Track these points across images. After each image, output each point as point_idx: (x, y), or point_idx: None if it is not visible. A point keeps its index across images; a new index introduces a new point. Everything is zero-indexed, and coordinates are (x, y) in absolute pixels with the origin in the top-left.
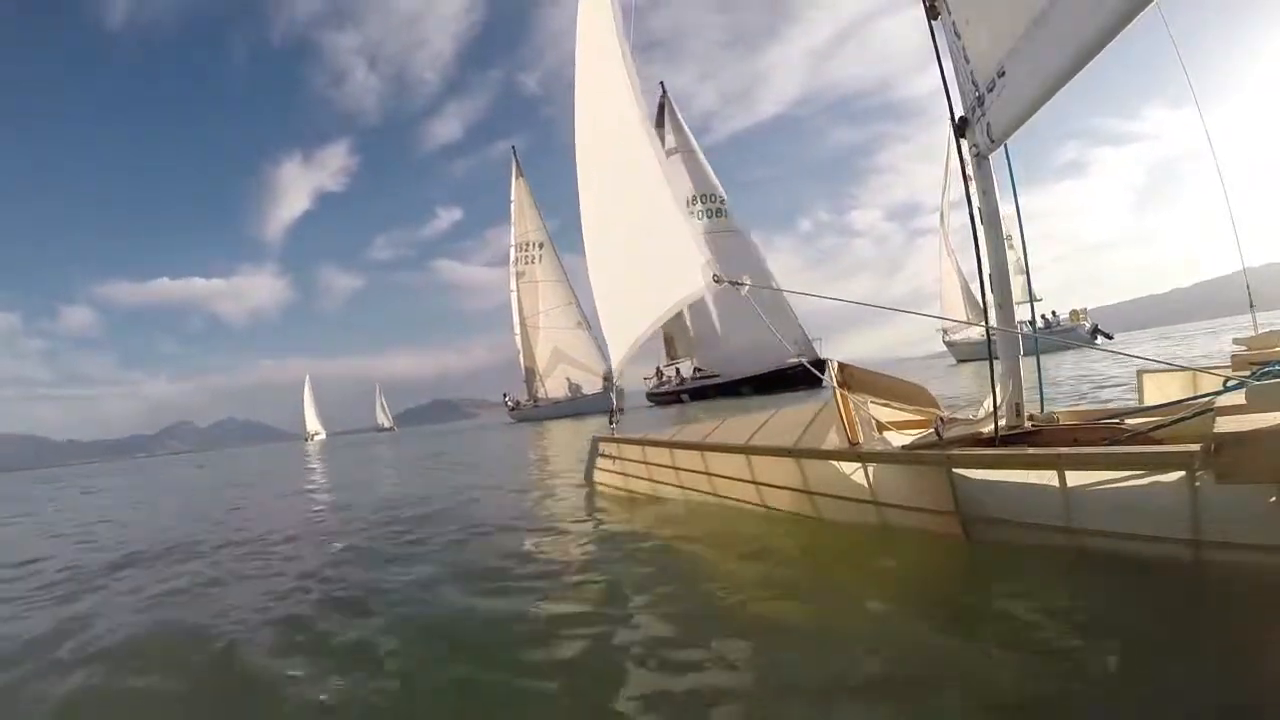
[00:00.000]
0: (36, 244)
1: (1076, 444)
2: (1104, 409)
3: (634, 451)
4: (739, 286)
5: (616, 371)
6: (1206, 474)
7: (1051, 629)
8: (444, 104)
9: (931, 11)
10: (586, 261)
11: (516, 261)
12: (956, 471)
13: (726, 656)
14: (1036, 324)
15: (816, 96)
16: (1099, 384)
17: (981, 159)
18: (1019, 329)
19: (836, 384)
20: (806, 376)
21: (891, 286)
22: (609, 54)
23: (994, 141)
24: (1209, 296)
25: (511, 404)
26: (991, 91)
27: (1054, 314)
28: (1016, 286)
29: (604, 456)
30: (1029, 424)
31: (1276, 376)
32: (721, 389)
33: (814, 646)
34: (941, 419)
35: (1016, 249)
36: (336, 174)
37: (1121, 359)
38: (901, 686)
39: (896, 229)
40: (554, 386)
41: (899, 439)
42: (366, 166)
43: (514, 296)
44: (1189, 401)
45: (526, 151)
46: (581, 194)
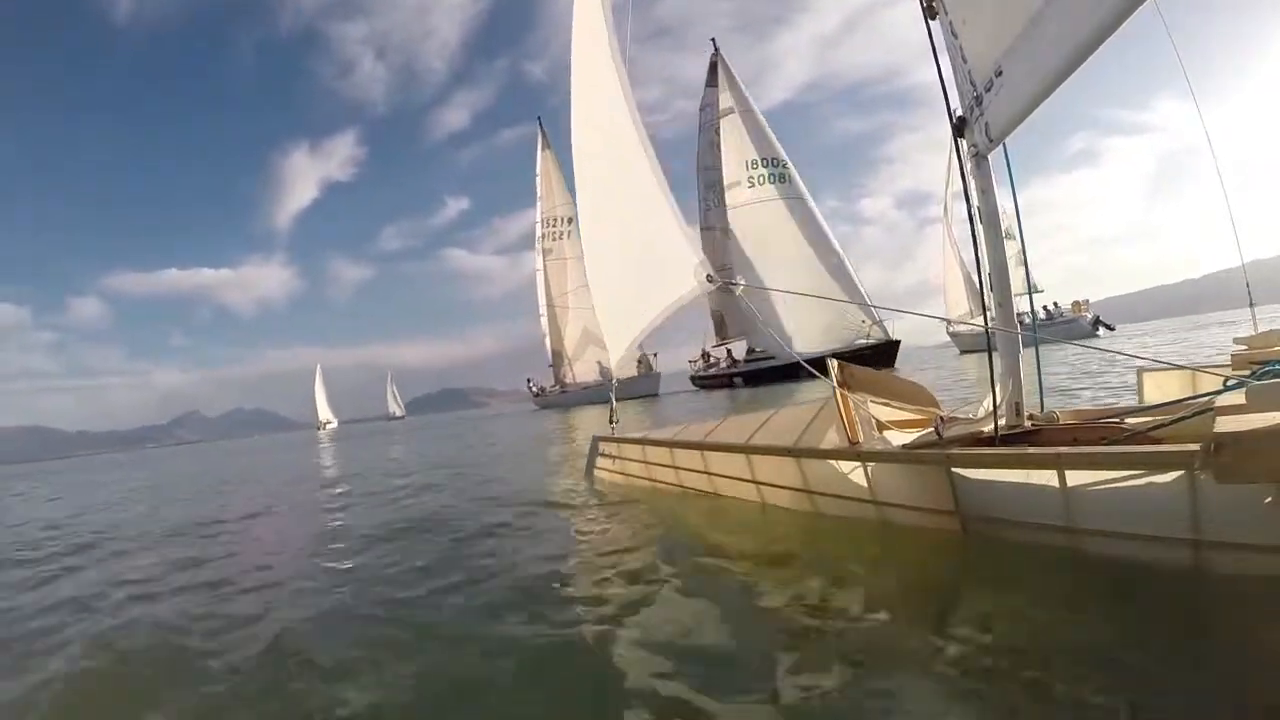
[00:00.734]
0: (45, 237)
1: (1076, 444)
2: (1104, 409)
3: (634, 451)
4: (733, 287)
5: (615, 370)
6: (1206, 474)
7: (1051, 629)
8: (451, 93)
9: (929, 11)
10: (585, 261)
11: (543, 238)
12: (956, 471)
13: (724, 655)
14: (1038, 316)
15: (825, 83)
16: (1096, 375)
17: (980, 158)
18: (1018, 326)
19: (836, 383)
20: (879, 356)
21: (901, 276)
22: (603, 54)
23: (992, 141)
24: (1221, 288)
25: (536, 390)
26: (989, 91)
27: (1055, 305)
28: (1017, 279)
29: (604, 456)
30: (1029, 423)
31: (1276, 376)
32: (780, 372)
33: (814, 645)
34: (941, 418)
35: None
36: (344, 164)
37: (1124, 346)
38: (900, 686)
39: (906, 217)
40: (584, 371)
41: (899, 438)
42: (374, 156)
43: (540, 275)
44: (1189, 401)
45: (533, 140)
46: (579, 194)
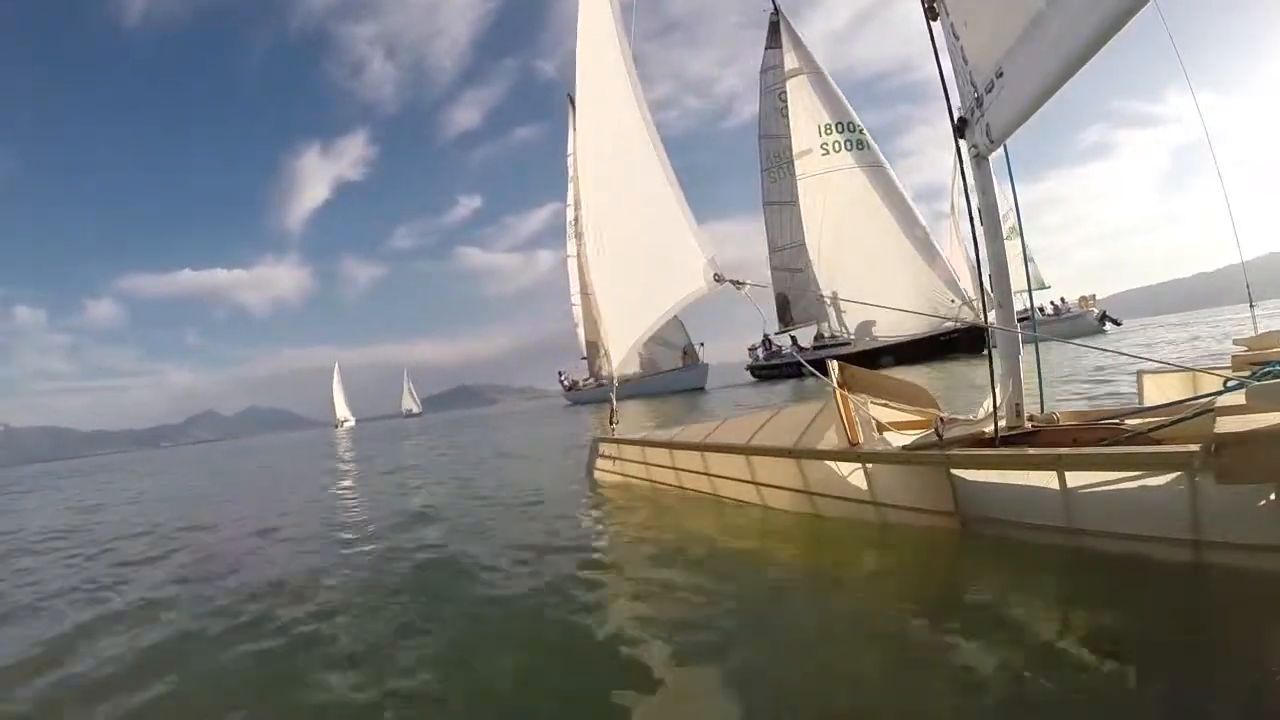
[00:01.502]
0: (60, 240)
1: (1076, 444)
2: (1104, 409)
3: (634, 451)
4: (739, 286)
5: (615, 371)
6: (1206, 474)
7: (1051, 629)
8: (462, 92)
9: (930, 13)
10: (589, 261)
11: (575, 222)
12: (956, 472)
13: (722, 654)
14: (1046, 312)
15: (839, 78)
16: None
17: (981, 159)
18: (1018, 326)
19: (836, 384)
20: (970, 341)
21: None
22: (610, 53)
23: (993, 142)
24: (1232, 282)
25: (568, 383)
26: (990, 92)
27: (1062, 300)
28: (1018, 278)
29: (604, 457)
30: (1029, 424)
31: (1276, 376)
32: (854, 359)
33: (814, 644)
34: (941, 419)
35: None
36: (356, 164)
37: (1129, 342)
38: (899, 686)
39: (924, 210)
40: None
41: (899, 439)
42: (386, 156)
43: (572, 263)
44: (1189, 402)
45: (544, 138)
46: (584, 194)
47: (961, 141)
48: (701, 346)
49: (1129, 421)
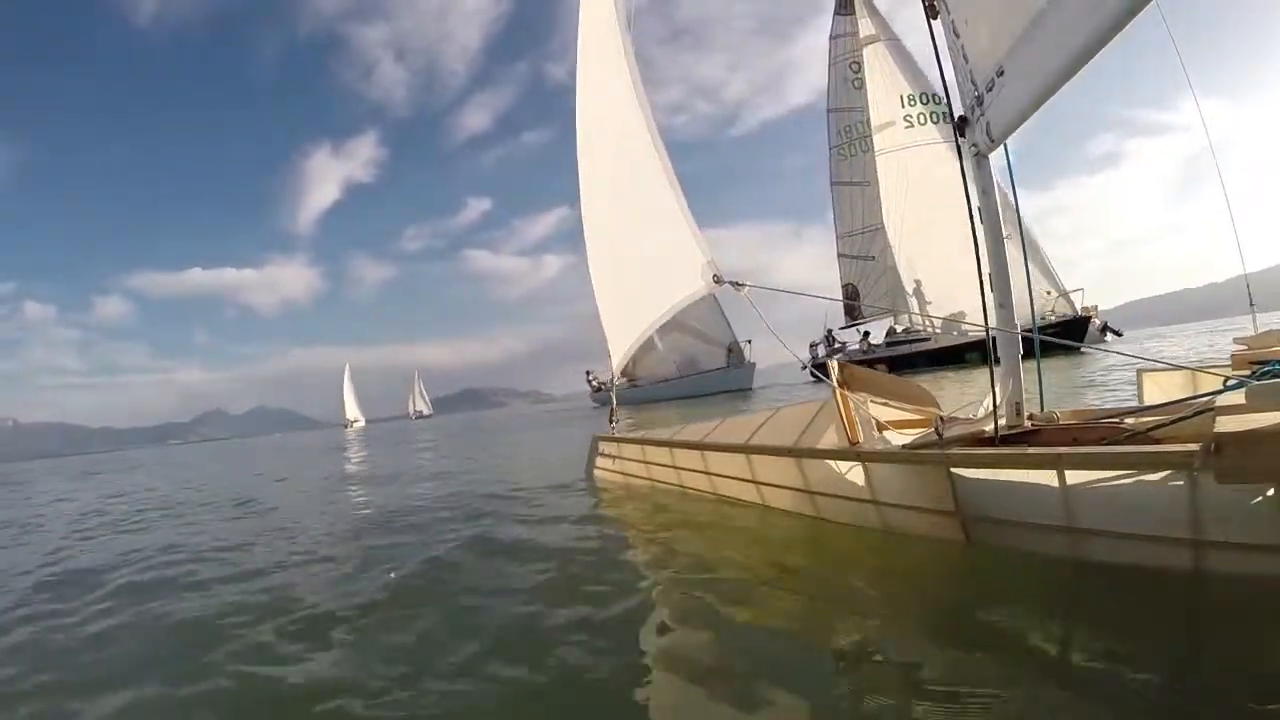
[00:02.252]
0: (69, 237)
1: (1076, 444)
2: (1104, 409)
3: (633, 450)
4: (740, 287)
5: (616, 372)
6: (1206, 474)
7: (1050, 630)
8: (472, 95)
9: (931, 11)
10: (589, 262)
11: None
12: (956, 471)
13: (721, 653)
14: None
15: None
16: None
17: (981, 158)
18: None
19: (836, 384)
20: (1067, 335)
21: None
22: (611, 52)
23: (994, 141)
24: (1242, 291)
25: (596, 384)
26: (990, 91)
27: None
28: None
29: (604, 456)
30: (1029, 424)
31: (1276, 376)
32: (931, 357)
33: (813, 646)
34: (941, 419)
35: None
36: (366, 165)
37: (1129, 348)
38: (900, 686)
39: None
40: (656, 359)
41: (899, 438)
42: (395, 157)
43: None
44: (1189, 401)
45: (554, 142)
46: (583, 193)
47: (962, 140)
48: (749, 344)
49: (1129, 421)
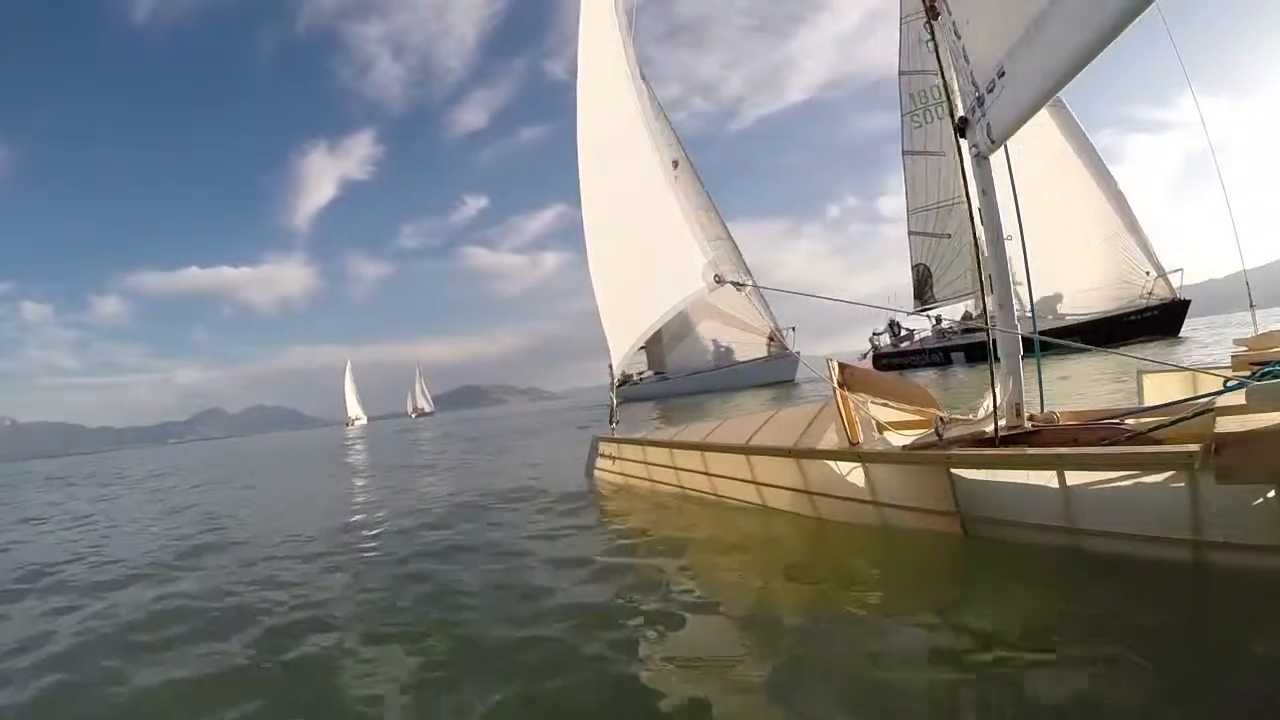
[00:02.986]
0: (65, 236)
1: (1076, 444)
2: (1104, 409)
3: (633, 451)
4: (740, 287)
5: (616, 372)
6: (1206, 474)
7: (1050, 630)
8: (469, 92)
9: (931, 12)
10: (588, 261)
11: None
12: (956, 472)
13: (721, 653)
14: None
15: (846, 81)
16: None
17: (981, 159)
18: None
19: (836, 384)
20: (1164, 321)
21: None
22: (611, 53)
23: (994, 142)
24: (1240, 288)
25: (621, 378)
26: (991, 92)
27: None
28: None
29: (604, 456)
30: (1029, 424)
31: (1276, 376)
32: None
33: (813, 647)
34: (941, 419)
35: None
36: (362, 163)
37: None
38: (900, 686)
39: None
40: (688, 350)
41: (899, 439)
42: (392, 155)
43: None
44: (1189, 401)
45: (554, 139)
46: (584, 194)
47: (963, 141)
48: (793, 332)
49: (1129, 421)
